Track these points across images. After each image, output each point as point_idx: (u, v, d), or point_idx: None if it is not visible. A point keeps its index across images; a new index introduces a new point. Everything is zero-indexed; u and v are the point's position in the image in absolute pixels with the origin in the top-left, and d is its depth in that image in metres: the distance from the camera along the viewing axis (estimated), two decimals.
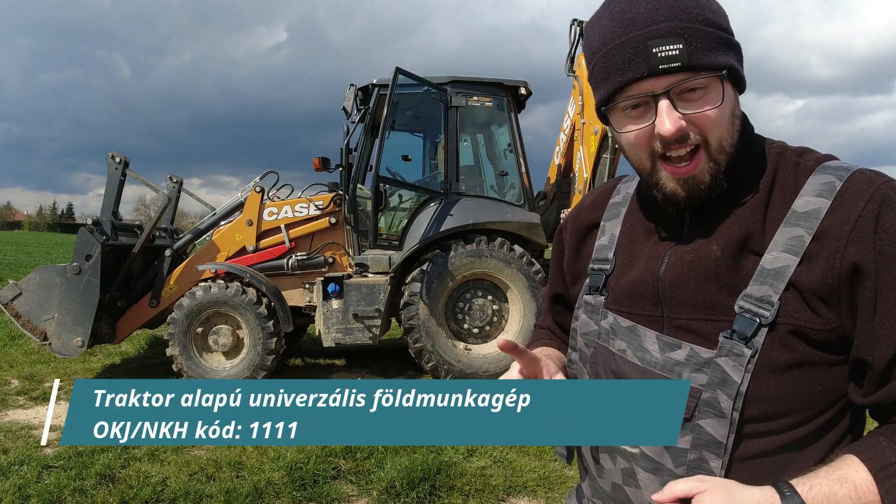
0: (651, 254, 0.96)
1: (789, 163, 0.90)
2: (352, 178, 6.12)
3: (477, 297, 6.07)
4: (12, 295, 5.55)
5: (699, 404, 0.85)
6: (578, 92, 6.30)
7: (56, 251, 27.64)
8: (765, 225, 0.86)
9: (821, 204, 0.83)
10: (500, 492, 3.48)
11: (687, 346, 0.88)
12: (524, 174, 6.39)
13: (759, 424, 0.85)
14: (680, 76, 0.82)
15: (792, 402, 0.84)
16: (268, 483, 3.51)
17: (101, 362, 6.84)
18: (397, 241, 6.02)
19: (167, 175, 6.97)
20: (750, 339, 0.82)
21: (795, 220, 0.84)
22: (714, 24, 0.83)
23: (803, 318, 0.82)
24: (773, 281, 0.82)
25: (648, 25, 0.82)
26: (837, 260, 0.80)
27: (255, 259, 6.09)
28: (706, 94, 0.83)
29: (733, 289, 0.85)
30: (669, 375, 0.88)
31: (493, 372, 5.91)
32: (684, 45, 0.80)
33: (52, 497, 3.32)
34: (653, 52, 0.81)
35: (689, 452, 0.86)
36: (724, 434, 0.84)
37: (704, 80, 0.82)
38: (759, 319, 0.82)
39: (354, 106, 6.29)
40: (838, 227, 0.81)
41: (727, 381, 0.83)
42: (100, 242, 5.39)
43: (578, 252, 1.12)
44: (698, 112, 0.83)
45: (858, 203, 0.81)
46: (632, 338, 0.95)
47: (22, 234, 67.47)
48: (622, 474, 0.96)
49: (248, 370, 5.54)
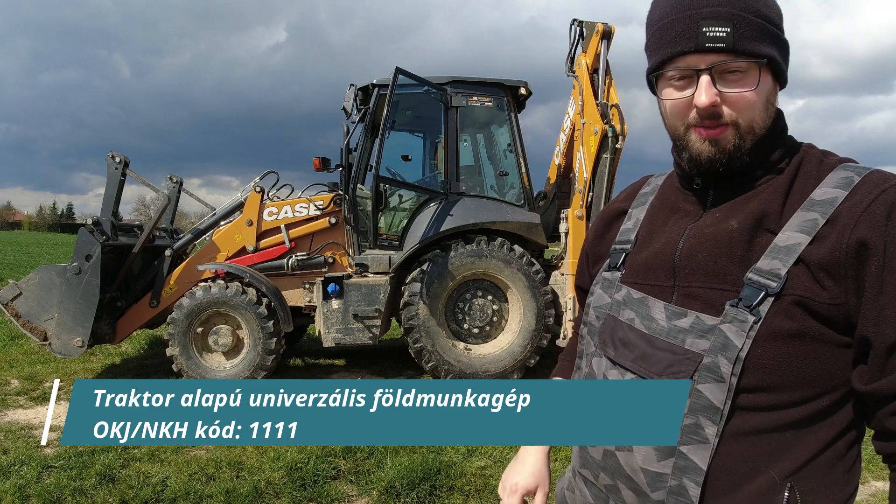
0: (672, 229, 1.01)
1: (814, 158, 0.95)
2: (352, 178, 6.12)
3: (477, 298, 6.07)
4: (12, 295, 5.55)
5: (699, 369, 0.88)
6: (578, 92, 6.30)
7: (56, 251, 27.64)
8: (783, 208, 0.91)
9: (838, 194, 0.87)
10: None
11: (693, 314, 0.91)
12: (524, 174, 6.39)
13: (755, 395, 0.86)
14: (723, 56, 0.89)
15: (790, 374, 0.85)
16: (268, 483, 3.51)
17: (101, 362, 6.84)
18: (397, 241, 6.02)
19: (167, 175, 6.97)
20: (755, 308, 0.85)
21: (812, 205, 0.88)
22: (765, 17, 0.90)
23: (809, 291, 0.85)
24: (784, 256, 0.86)
25: (703, 7, 0.90)
26: (846, 236, 0.84)
27: (255, 259, 6.09)
28: (745, 78, 0.90)
29: (745, 262, 0.89)
30: (673, 341, 0.91)
31: (493, 372, 5.91)
32: (732, 29, 0.88)
33: (52, 497, 3.32)
34: (702, 31, 0.89)
35: (686, 417, 0.88)
36: (722, 400, 0.86)
37: (745, 64, 0.89)
38: (765, 290, 0.85)
39: (354, 106, 6.29)
40: (851, 210, 0.85)
41: (728, 345, 0.86)
42: (100, 242, 5.39)
43: (603, 236, 1.19)
44: (735, 92, 0.90)
45: (873, 192, 0.85)
46: (641, 308, 0.99)
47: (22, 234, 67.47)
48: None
49: (248, 370, 5.54)
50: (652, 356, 0.94)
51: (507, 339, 6.03)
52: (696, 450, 0.87)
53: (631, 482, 0.94)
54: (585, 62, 6.23)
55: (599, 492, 1.01)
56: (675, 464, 0.88)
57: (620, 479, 0.95)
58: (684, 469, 0.88)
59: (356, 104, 6.30)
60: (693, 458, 0.87)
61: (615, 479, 0.96)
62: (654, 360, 0.93)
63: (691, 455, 0.87)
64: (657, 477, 0.90)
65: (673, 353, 0.91)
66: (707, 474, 0.87)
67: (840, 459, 0.89)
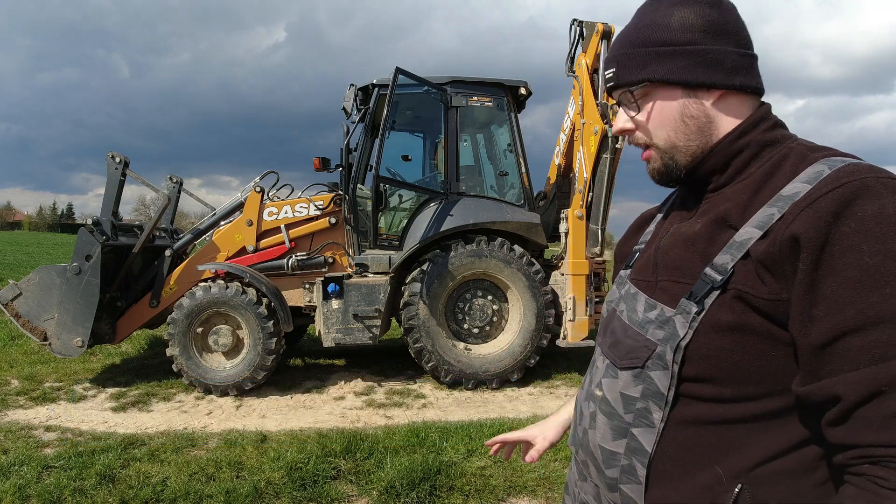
0: (664, 229, 1.08)
1: (797, 154, 0.92)
2: (352, 178, 6.12)
3: (477, 298, 6.07)
4: (12, 295, 5.56)
5: (651, 356, 0.93)
6: (578, 92, 6.30)
7: (56, 251, 27.64)
8: (749, 205, 0.90)
9: (802, 188, 0.84)
10: (500, 492, 3.48)
11: (660, 306, 0.96)
12: (524, 174, 6.39)
13: (698, 385, 0.88)
14: (617, 91, 1.04)
15: (732, 367, 0.86)
16: (268, 483, 3.51)
17: (101, 362, 6.84)
18: (397, 241, 6.01)
19: (167, 175, 6.98)
20: (700, 300, 0.88)
21: (775, 201, 0.87)
22: (650, 43, 0.98)
23: (749, 285, 0.85)
24: (735, 251, 0.87)
25: (608, 55, 1.08)
26: (783, 230, 0.82)
27: (255, 259, 6.09)
28: (645, 103, 1.00)
29: (706, 257, 0.92)
30: (642, 332, 0.96)
31: (493, 372, 5.91)
32: (616, 67, 1.02)
33: (52, 497, 3.32)
34: (606, 76, 1.07)
35: (638, 401, 0.94)
36: (666, 386, 0.90)
37: (640, 90, 0.99)
38: (711, 283, 0.88)
39: (354, 106, 6.29)
40: (798, 203, 0.83)
41: (674, 335, 0.90)
42: (100, 242, 5.40)
43: (630, 239, 1.26)
44: (634, 118, 1.02)
45: (828, 186, 0.81)
46: (630, 301, 1.04)
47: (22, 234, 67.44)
48: (590, 419, 1.04)
49: (248, 370, 5.54)
50: (621, 343, 1.00)
51: (507, 339, 6.03)
52: (645, 433, 0.92)
53: (593, 458, 1.01)
54: (585, 62, 6.24)
55: (581, 468, 1.09)
56: (627, 444, 0.94)
57: (588, 456, 1.04)
58: (634, 450, 0.93)
59: (356, 104, 6.30)
60: (641, 440, 0.93)
61: (586, 455, 1.05)
62: (620, 347, 1.00)
63: (640, 437, 0.93)
64: (612, 455, 0.97)
65: (636, 340, 0.97)
66: (654, 458, 0.91)
67: (808, 472, 0.85)
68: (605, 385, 1.01)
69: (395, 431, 4.40)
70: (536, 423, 1.41)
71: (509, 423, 4.59)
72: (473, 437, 4.25)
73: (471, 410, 5.21)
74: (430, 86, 6.06)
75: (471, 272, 5.92)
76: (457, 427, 4.50)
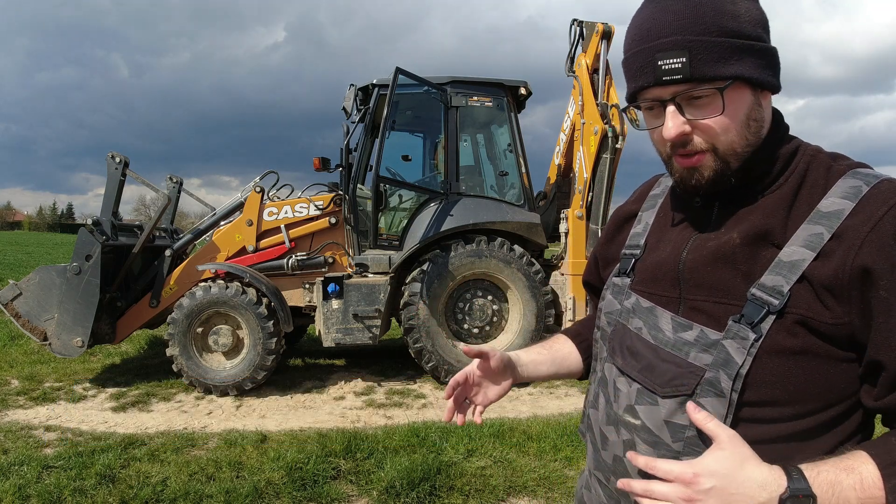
0: (678, 239, 1.01)
1: (821, 165, 0.91)
2: (352, 178, 6.12)
3: (477, 298, 6.07)
4: (12, 295, 5.55)
5: (701, 382, 0.87)
6: (578, 92, 6.30)
7: (56, 251, 27.64)
8: (788, 220, 0.88)
9: (845, 205, 0.84)
10: (500, 492, 3.48)
11: (698, 327, 0.90)
12: (524, 174, 6.39)
13: (757, 409, 0.86)
14: (684, 86, 0.88)
15: (793, 390, 0.85)
16: (268, 483, 3.51)
17: (101, 362, 6.84)
18: (397, 241, 6.02)
19: (167, 175, 6.98)
20: (756, 325, 0.84)
21: (818, 218, 0.86)
22: (729, 33, 0.86)
23: (812, 310, 0.83)
24: (787, 273, 0.85)
25: (657, 38, 0.88)
26: (850, 258, 0.81)
27: (255, 259, 6.09)
28: (713, 102, 0.88)
29: (749, 276, 0.88)
30: (678, 354, 0.91)
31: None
32: (688, 57, 0.86)
33: (52, 497, 3.32)
34: (658, 65, 0.88)
35: (688, 429, 0.88)
36: (723, 414, 0.86)
37: (709, 89, 0.87)
38: (767, 307, 0.84)
39: (354, 106, 6.29)
40: (857, 227, 0.82)
41: (729, 362, 0.85)
42: (100, 242, 5.40)
43: (613, 239, 1.20)
44: (702, 120, 0.89)
45: (882, 207, 0.82)
46: (649, 318, 0.98)
47: (22, 234, 67.44)
48: (624, 446, 0.98)
49: (248, 370, 5.54)
50: (657, 367, 0.94)
51: (507, 339, 6.03)
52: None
53: None
54: (585, 62, 6.24)
55: (612, 493, 1.03)
56: None
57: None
58: None
59: (356, 104, 6.30)
60: None
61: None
62: (658, 372, 0.94)
63: None
64: None
65: (677, 365, 0.91)
66: None
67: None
68: (642, 413, 0.95)
69: (395, 431, 4.40)
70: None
71: (509, 423, 4.59)
72: (473, 437, 4.25)
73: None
74: (430, 86, 6.06)
75: (471, 272, 5.92)
76: (457, 427, 4.49)
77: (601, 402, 1.05)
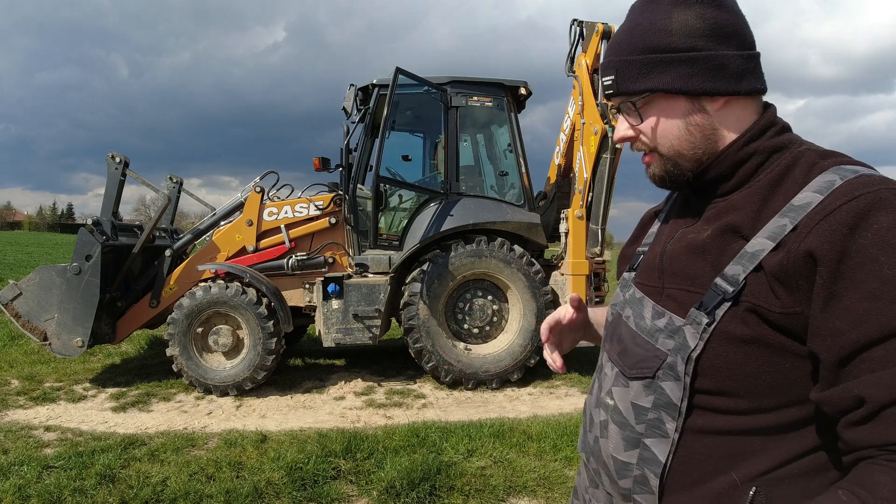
0: (668, 232, 1.06)
1: (807, 161, 0.91)
2: (352, 178, 6.11)
3: (477, 298, 6.07)
4: (12, 295, 5.56)
5: (662, 366, 0.92)
6: (578, 92, 6.30)
7: (56, 251, 27.63)
8: (761, 214, 0.89)
9: (813, 199, 0.84)
10: (500, 492, 3.48)
11: (668, 314, 0.95)
12: (524, 174, 6.39)
13: (712, 397, 0.88)
14: (618, 99, 1.01)
15: (746, 380, 0.86)
16: (268, 483, 3.51)
17: (101, 362, 6.84)
18: (397, 241, 6.02)
19: (167, 175, 6.98)
20: (711, 311, 0.87)
21: (787, 211, 0.86)
22: (650, 50, 0.94)
23: (762, 299, 0.84)
24: (747, 262, 0.86)
25: (605, 59, 1.03)
26: (797, 244, 0.82)
27: (255, 259, 6.09)
28: (647, 112, 0.98)
29: (716, 266, 0.91)
30: (651, 340, 0.95)
31: (493, 372, 5.91)
32: (615, 75, 0.99)
33: (52, 497, 3.32)
34: (603, 83, 1.03)
35: (650, 411, 0.93)
36: (679, 397, 0.89)
37: (640, 100, 0.97)
38: (723, 294, 0.87)
39: (354, 106, 6.29)
40: (812, 216, 0.82)
41: (685, 346, 0.89)
42: (100, 242, 5.40)
43: (637, 239, 1.25)
44: (637, 125, 1.00)
45: (842, 198, 0.81)
46: (637, 307, 1.03)
47: (22, 234, 67.42)
48: (600, 427, 1.03)
49: (248, 370, 5.54)
50: (630, 351, 0.99)
51: (507, 339, 6.03)
52: (658, 443, 0.92)
53: (606, 468, 1.01)
54: (585, 62, 6.24)
55: (592, 475, 1.08)
56: (640, 455, 0.94)
57: (600, 465, 1.03)
58: (647, 460, 0.93)
59: (356, 104, 6.30)
60: (654, 450, 0.92)
61: (598, 464, 1.04)
62: (629, 356, 0.98)
63: (653, 448, 0.92)
64: (624, 465, 0.96)
65: (646, 350, 0.96)
66: (668, 468, 0.91)
67: (821, 472, 0.87)
68: (615, 394, 0.99)
69: (395, 431, 4.40)
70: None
71: (509, 423, 4.59)
72: (473, 437, 4.25)
73: (471, 410, 5.21)
74: (430, 86, 6.06)
75: (471, 272, 5.92)
76: (457, 427, 4.50)
77: (595, 387, 1.10)
